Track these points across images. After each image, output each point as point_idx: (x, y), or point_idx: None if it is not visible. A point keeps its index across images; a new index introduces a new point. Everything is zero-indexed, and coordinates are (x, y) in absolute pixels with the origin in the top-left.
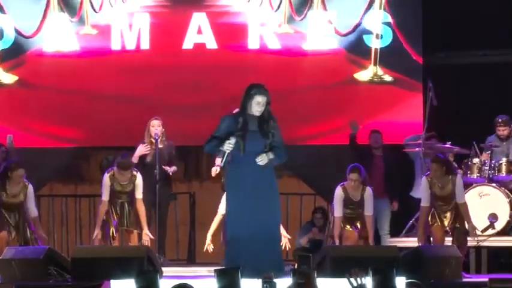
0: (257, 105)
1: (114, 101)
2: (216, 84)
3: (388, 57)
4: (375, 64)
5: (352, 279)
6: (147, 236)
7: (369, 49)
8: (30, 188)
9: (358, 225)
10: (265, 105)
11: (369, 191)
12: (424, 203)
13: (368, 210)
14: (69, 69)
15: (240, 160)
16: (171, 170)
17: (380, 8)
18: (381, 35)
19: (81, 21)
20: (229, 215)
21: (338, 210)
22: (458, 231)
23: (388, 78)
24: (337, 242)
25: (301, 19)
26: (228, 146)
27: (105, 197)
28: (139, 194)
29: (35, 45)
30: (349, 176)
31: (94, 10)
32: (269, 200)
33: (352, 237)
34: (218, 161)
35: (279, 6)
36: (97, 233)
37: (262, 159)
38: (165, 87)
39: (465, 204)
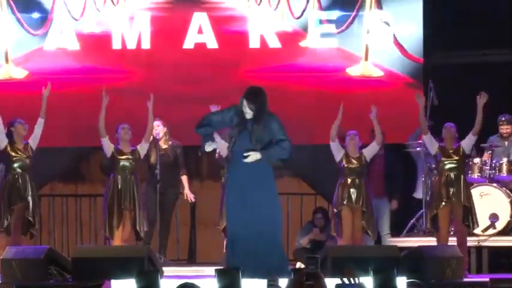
0: (245, 109)
1: (114, 101)
2: (216, 84)
3: (389, 57)
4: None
5: (345, 279)
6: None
7: None
8: (31, 137)
9: (364, 224)
10: (254, 110)
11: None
12: None
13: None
14: (70, 68)
15: (236, 159)
16: (190, 194)
17: (369, 8)
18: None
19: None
20: (227, 215)
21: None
22: (466, 215)
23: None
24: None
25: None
26: (210, 147)
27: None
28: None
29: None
30: (349, 131)
31: (73, 18)
32: (265, 200)
33: (347, 216)
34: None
35: (302, 13)
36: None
37: (248, 158)
38: (166, 87)
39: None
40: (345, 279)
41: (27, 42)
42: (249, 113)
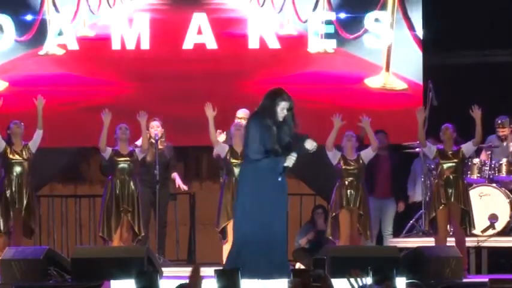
0: (281, 111)
1: (114, 101)
2: (216, 84)
3: (413, 66)
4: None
5: (352, 280)
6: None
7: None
8: (31, 143)
9: (359, 227)
10: (288, 110)
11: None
12: None
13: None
14: (70, 68)
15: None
16: (182, 185)
17: (392, 8)
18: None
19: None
20: (238, 211)
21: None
22: (464, 218)
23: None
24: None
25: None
26: (292, 161)
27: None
28: (144, 152)
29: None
30: (347, 132)
31: (65, 21)
32: (280, 202)
33: (345, 219)
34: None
35: (310, 16)
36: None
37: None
38: (165, 87)
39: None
40: (352, 280)
41: (9, 50)
42: (283, 115)
